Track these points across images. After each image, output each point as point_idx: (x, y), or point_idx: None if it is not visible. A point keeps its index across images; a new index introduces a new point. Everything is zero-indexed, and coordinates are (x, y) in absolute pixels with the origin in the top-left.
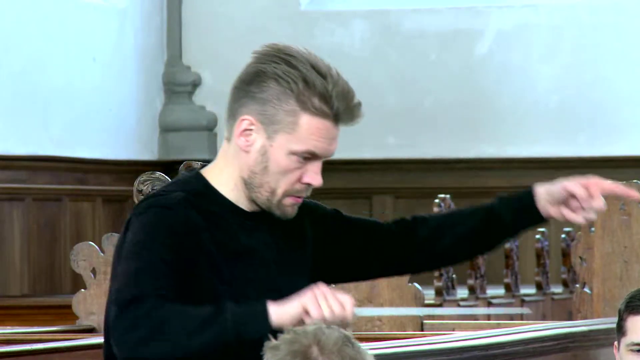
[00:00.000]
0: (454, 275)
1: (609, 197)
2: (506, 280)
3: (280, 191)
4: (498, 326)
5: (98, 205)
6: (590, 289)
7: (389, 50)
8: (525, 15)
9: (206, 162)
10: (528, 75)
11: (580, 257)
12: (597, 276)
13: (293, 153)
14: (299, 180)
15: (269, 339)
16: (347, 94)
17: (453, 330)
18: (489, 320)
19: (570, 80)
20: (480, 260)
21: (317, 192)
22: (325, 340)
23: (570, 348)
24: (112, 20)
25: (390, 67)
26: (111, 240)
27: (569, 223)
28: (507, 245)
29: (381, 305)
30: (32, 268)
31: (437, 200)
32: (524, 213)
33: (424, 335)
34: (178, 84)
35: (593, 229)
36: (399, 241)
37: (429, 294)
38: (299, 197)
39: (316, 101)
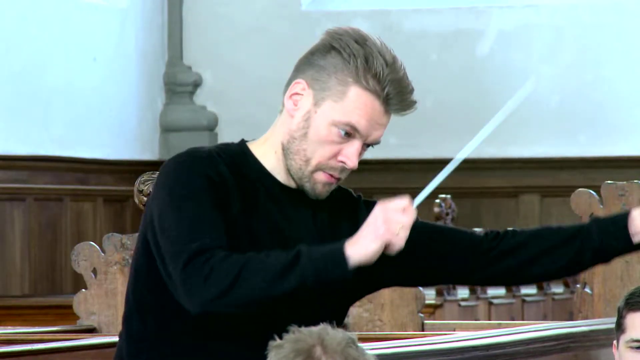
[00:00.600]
0: None
1: (610, 197)
2: None
3: (314, 162)
4: (499, 326)
5: (99, 205)
6: (591, 289)
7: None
8: (526, 15)
9: None
10: (529, 76)
11: None
12: (598, 276)
13: (335, 124)
14: (335, 156)
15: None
16: (403, 84)
17: (454, 330)
18: (489, 317)
19: (571, 81)
20: None
21: None
22: (329, 340)
23: (571, 348)
24: (113, 21)
25: None
26: (112, 240)
27: (570, 223)
28: None
29: (382, 305)
30: (33, 268)
31: (437, 201)
32: (613, 235)
33: (425, 336)
34: (179, 84)
35: None
36: (478, 250)
37: (430, 294)
38: (332, 175)
39: (370, 78)
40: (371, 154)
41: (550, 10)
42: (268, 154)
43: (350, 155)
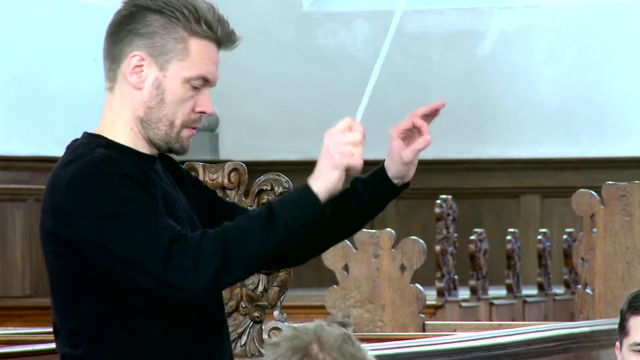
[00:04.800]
0: (455, 276)
1: (611, 198)
2: (508, 281)
3: (178, 122)
4: (500, 327)
5: None
6: (592, 290)
7: (391, 51)
8: (528, 16)
9: (208, 162)
10: (531, 76)
11: (582, 258)
12: (599, 277)
13: (186, 80)
14: (193, 109)
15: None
16: (223, 20)
17: (455, 331)
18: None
19: (573, 81)
20: (482, 261)
21: None
22: (325, 337)
23: (572, 349)
24: None
25: (393, 68)
26: None
27: (571, 224)
28: (509, 246)
29: (383, 306)
30: (34, 269)
31: (438, 201)
32: (379, 188)
33: (426, 336)
34: None
35: (595, 229)
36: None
37: (431, 295)
38: (194, 127)
39: (202, 26)
40: (373, 155)
41: (552, 11)
42: (124, 132)
43: (207, 103)
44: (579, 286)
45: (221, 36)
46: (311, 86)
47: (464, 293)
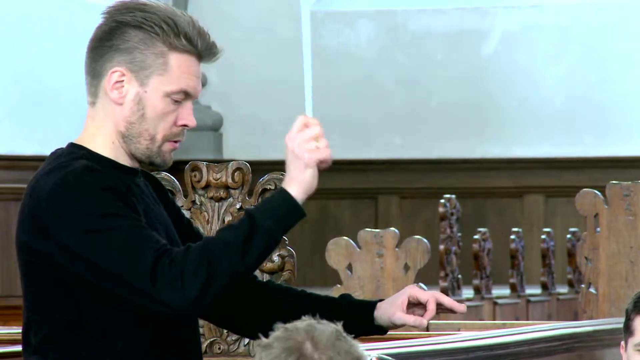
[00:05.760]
0: (459, 276)
1: (615, 197)
2: (512, 280)
3: (159, 136)
4: (503, 326)
5: None
6: (596, 289)
7: (394, 50)
8: (531, 15)
9: (211, 162)
10: (534, 76)
11: (586, 258)
12: (602, 276)
13: (167, 94)
14: (175, 123)
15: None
16: (203, 32)
17: (458, 330)
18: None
19: (576, 81)
20: (486, 261)
21: (323, 192)
22: (318, 335)
23: (575, 348)
24: None
25: (396, 67)
26: None
27: (575, 223)
28: (513, 246)
29: None
30: None
31: (442, 201)
32: (359, 314)
33: (429, 336)
34: None
35: (598, 229)
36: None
37: None
38: (176, 141)
39: (181, 40)
40: (375, 154)
41: (555, 10)
42: (105, 146)
43: (188, 116)
44: (583, 285)
45: (201, 49)
46: (315, 85)
47: (467, 292)
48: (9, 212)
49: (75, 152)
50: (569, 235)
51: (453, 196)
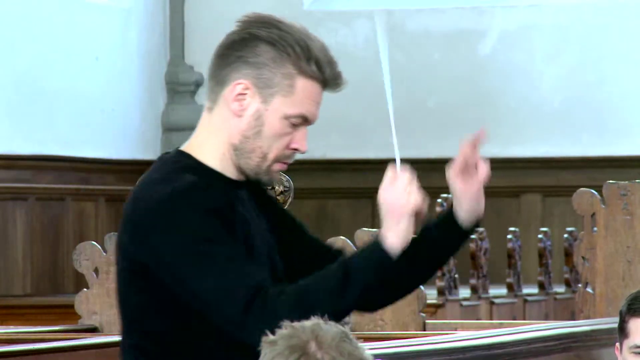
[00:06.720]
0: (456, 275)
1: (612, 197)
2: (508, 279)
3: (271, 156)
4: (500, 326)
5: (101, 204)
6: (593, 289)
7: (392, 50)
8: (530, 15)
9: None
10: (532, 76)
11: (583, 257)
12: (599, 276)
13: (287, 117)
14: (288, 146)
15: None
16: (333, 61)
17: (455, 330)
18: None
19: (575, 81)
20: (483, 260)
21: (321, 191)
22: (323, 335)
23: (572, 348)
24: (115, 20)
25: (394, 67)
26: (113, 239)
27: (572, 223)
28: (510, 245)
29: None
30: (35, 267)
31: (439, 200)
32: (447, 225)
33: (427, 335)
34: (181, 84)
35: (596, 228)
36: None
37: (432, 294)
38: (285, 163)
39: (312, 66)
40: (374, 153)
41: (554, 10)
42: (213, 155)
43: (302, 140)
44: (580, 285)
45: (328, 78)
46: None
47: (464, 292)
48: (7, 211)
49: (182, 162)
50: (566, 235)
51: (450, 195)
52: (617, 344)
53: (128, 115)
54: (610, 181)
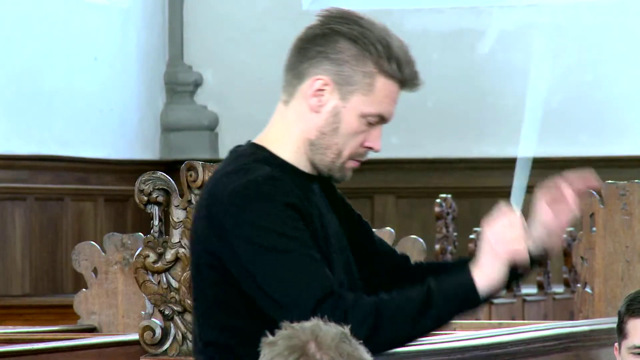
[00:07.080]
0: None
1: (611, 197)
2: None
3: (346, 153)
4: (499, 326)
5: (100, 204)
6: (592, 289)
7: None
8: (528, 15)
9: (207, 161)
10: (529, 75)
11: (582, 257)
12: (598, 276)
13: (364, 115)
14: (362, 144)
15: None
16: (412, 61)
17: (454, 330)
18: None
19: (573, 81)
20: None
21: None
22: (323, 336)
23: (571, 348)
24: (114, 20)
25: None
26: (112, 239)
27: (571, 223)
28: None
29: None
30: (33, 267)
31: (438, 200)
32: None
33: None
34: (180, 84)
35: (594, 228)
36: (397, 271)
37: None
38: (358, 161)
39: (392, 65)
40: (372, 153)
41: (552, 10)
42: (289, 148)
43: (377, 139)
44: (579, 285)
45: (407, 78)
46: None
47: None
48: (5, 211)
49: (256, 154)
50: (564, 235)
51: (449, 196)
52: (616, 345)
53: (127, 115)
54: (609, 181)
